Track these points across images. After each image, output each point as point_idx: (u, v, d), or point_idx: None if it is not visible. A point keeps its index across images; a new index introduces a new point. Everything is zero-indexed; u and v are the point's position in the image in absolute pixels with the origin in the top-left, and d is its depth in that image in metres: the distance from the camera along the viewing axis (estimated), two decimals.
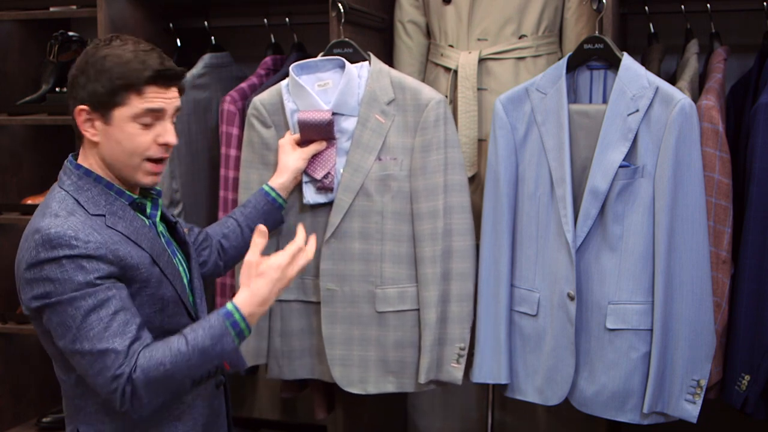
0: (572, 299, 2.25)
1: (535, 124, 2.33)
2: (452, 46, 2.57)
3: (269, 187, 2.29)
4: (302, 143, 2.34)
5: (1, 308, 3.06)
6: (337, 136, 2.34)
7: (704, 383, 2.19)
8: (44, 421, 3.12)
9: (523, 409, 3.07)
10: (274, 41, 2.86)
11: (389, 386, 2.43)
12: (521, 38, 2.52)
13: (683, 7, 2.51)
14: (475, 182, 2.54)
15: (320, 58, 2.39)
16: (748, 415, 2.29)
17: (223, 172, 2.61)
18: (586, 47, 2.30)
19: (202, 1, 2.98)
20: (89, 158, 1.80)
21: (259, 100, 2.43)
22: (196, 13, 2.95)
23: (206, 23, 2.86)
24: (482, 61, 2.52)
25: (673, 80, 2.37)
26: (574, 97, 2.34)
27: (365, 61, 2.39)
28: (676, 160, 2.15)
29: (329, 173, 2.34)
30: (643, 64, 2.36)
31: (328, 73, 2.37)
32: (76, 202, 1.74)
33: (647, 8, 2.56)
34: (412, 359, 2.41)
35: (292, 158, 2.31)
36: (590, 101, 2.34)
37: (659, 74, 2.35)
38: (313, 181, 2.36)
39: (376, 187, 2.36)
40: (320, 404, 2.71)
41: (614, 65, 2.26)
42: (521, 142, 2.35)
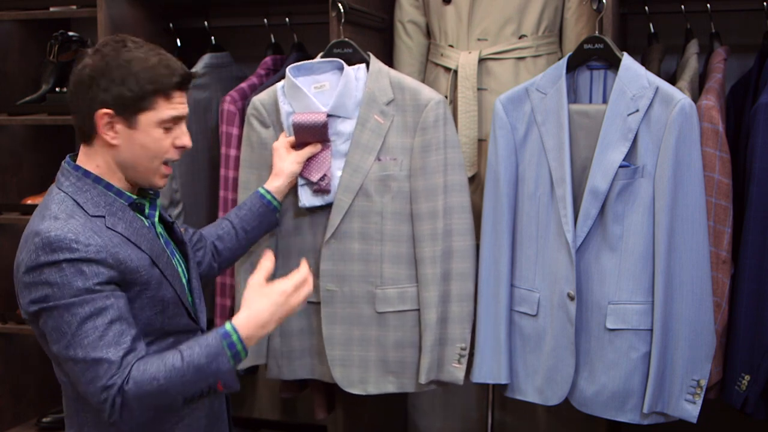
0: (572, 299, 2.25)
1: (535, 124, 2.33)
2: (452, 46, 2.57)
3: (265, 189, 2.29)
4: (297, 146, 2.33)
5: (1, 308, 3.06)
6: (332, 138, 2.34)
7: (704, 383, 2.19)
8: (44, 421, 3.12)
9: (523, 409, 3.07)
10: (274, 41, 2.86)
11: (389, 386, 2.43)
12: (521, 38, 2.52)
13: (683, 7, 2.51)
14: (475, 182, 2.54)
15: (317, 60, 2.39)
16: (748, 415, 2.29)
17: (223, 172, 2.61)
18: (586, 47, 2.30)
19: (202, 1, 2.98)
20: (95, 160, 1.78)
21: (258, 99, 2.42)
22: (196, 13, 2.95)
23: (206, 23, 2.86)
24: (482, 61, 2.52)
25: (673, 80, 2.37)
26: (574, 97, 2.34)
27: (365, 61, 2.39)
28: (676, 160, 2.15)
29: (325, 175, 2.33)
30: (643, 64, 2.36)
31: (324, 75, 2.36)
32: (75, 203, 1.74)
33: (647, 8, 2.56)
34: (412, 359, 2.41)
35: (287, 162, 2.31)
36: (590, 101, 2.34)
37: (659, 74, 2.35)
38: (309, 183, 2.35)
39: (375, 187, 2.36)
40: (320, 404, 2.71)
41: (614, 65, 2.26)
42: (521, 142, 2.35)
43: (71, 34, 3.03)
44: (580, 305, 2.27)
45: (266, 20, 2.81)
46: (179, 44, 2.88)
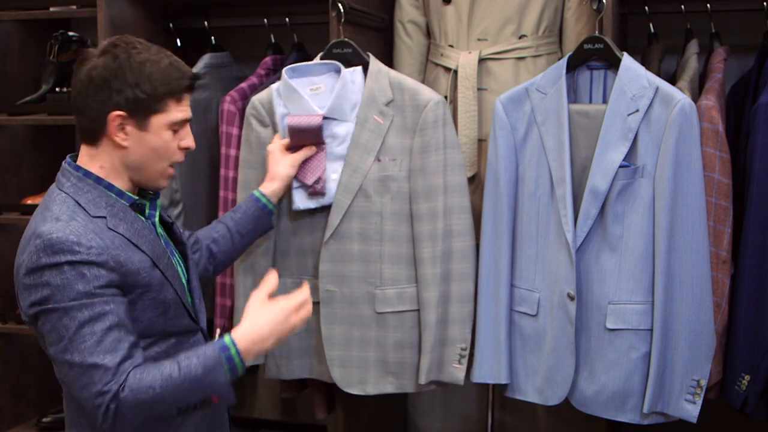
0: (572, 299, 2.25)
1: (535, 124, 2.33)
2: (452, 46, 2.57)
3: (260, 192, 2.28)
4: (292, 148, 2.33)
5: (1, 308, 3.06)
6: (327, 140, 2.33)
7: (704, 383, 2.19)
8: (44, 421, 3.12)
9: (523, 409, 3.07)
10: (274, 41, 2.86)
11: (388, 387, 2.43)
12: (521, 38, 2.52)
13: (683, 7, 2.51)
14: (475, 182, 2.54)
15: (314, 62, 2.38)
16: (748, 415, 2.29)
17: (223, 172, 2.61)
18: (586, 47, 2.30)
19: (202, 1, 2.98)
20: (99, 161, 1.78)
21: (257, 99, 2.42)
22: (196, 13, 2.95)
23: (206, 23, 2.86)
24: (482, 61, 2.52)
25: (673, 80, 2.37)
26: (574, 97, 2.34)
27: (365, 61, 2.39)
28: (676, 160, 2.15)
29: (320, 178, 2.33)
30: (643, 64, 2.36)
31: (320, 77, 2.36)
32: (76, 204, 1.73)
33: (647, 8, 2.56)
34: (411, 360, 2.41)
35: (282, 166, 2.30)
36: (590, 101, 2.34)
37: (659, 74, 2.35)
38: (303, 186, 2.35)
39: (375, 187, 2.36)
40: (320, 404, 2.71)
41: (614, 65, 2.26)
42: (521, 142, 2.35)
43: (71, 34, 3.03)
44: (580, 305, 2.26)
45: (266, 20, 2.81)
46: (179, 44, 2.88)
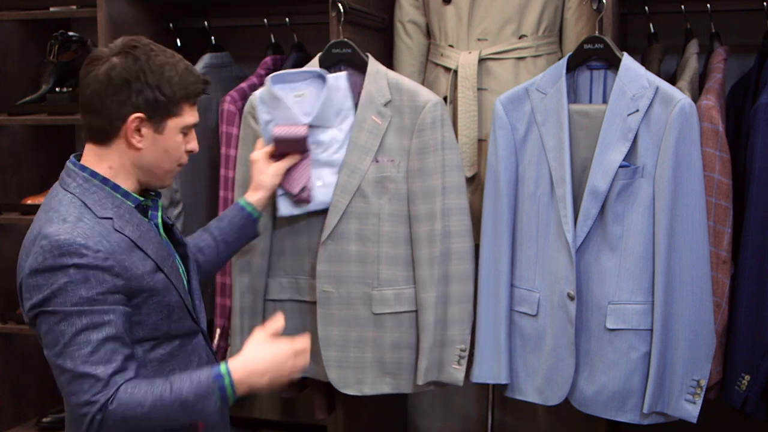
0: (572, 299, 2.25)
1: (535, 124, 2.33)
2: (452, 46, 2.57)
3: (245, 201, 2.26)
4: (276, 156, 2.31)
5: (1, 308, 3.06)
6: (312, 147, 2.33)
7: (704, 383, 2.19)
8: (44, 421, 3.12)
9: (523, 409, 3.07)
10: (274, 41, 2.86)
11: (385, 387, 2.43)
12: (521, 38, 2.52)
13: (683, 7, 2.50)
14: (475, 182, 2.54)
15: (297, 69, 2.37)
16: (748, 415, 2.29)
17: (223, 172, 2.61)
18: (586, 47, 2.30)
19: (202, 1, 2.98)
20: (108, 161, 1.77)
21: (254, 97, 2.42)
22: (196, 13, 2.95)
23: (206, 23, 2.86)
24: (482, 61, 2.52)
25: (673, 80, 2.37)
26: (574, 97, 2.34)
27: (364, 62, 2.39)
28: (676, 160, 2.15)
29: (305, 187, 2.32)
30: (643, 64, 2.36)
31: (303, 83, 2.35)
32: (83, 204, 1.72)
33: (647, 8, 2.56)
34: (409, 360, 2.40)
35: (266, 175, 2.28)
36: (590, 101, 2.34)
37: (659, 74, 2.35)
38: (288, 194, 2.35)
39: (373, 188, 2.35)
40: (320, 404, 2.71)
41: (614, 65, 2.26)
42: (521, 142, 2.35)
43: (71, 34, 3.03)
44: (580, 305, 2.26)
45: (266, 20, 2.81)
46: (179, 44, 2.88)
